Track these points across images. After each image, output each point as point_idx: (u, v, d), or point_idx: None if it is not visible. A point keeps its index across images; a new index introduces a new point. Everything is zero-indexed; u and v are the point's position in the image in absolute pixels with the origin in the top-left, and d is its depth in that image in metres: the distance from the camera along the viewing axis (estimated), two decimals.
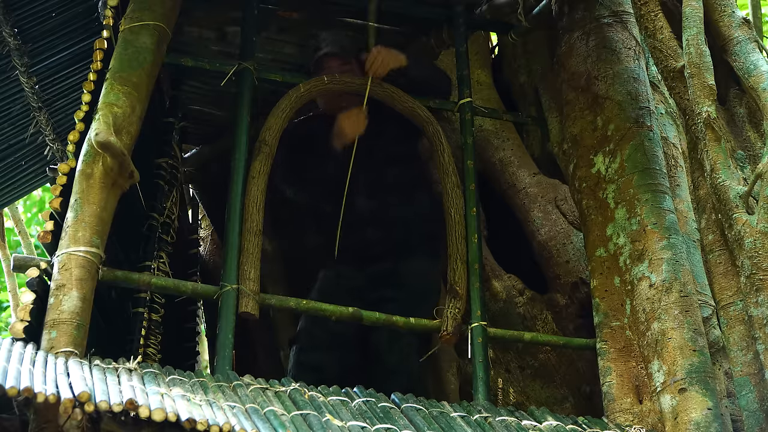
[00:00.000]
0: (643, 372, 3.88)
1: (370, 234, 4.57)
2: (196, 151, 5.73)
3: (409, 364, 4.54)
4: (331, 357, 4.50)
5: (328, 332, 4.51)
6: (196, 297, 4.83)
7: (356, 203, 4.58)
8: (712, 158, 3.65)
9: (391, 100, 4.55)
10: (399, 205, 4.61)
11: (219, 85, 4.41)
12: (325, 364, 4.43)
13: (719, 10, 3.88)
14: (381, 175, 4.64)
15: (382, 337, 4.50)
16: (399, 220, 4.59)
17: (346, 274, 4.60)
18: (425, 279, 4.63)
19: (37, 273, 3.51)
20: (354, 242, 4.58)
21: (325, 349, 4.52)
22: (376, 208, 4.59)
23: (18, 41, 4.73)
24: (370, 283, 4.55)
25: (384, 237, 4.58)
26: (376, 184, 4.62)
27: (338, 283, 4.57)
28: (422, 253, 4.64)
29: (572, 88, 4.47)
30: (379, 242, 4.57)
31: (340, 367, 4.44)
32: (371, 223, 4.58)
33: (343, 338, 4.53)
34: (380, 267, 4.57)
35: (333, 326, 4.44)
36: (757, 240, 3.47)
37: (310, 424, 3.09)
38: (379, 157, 4.65)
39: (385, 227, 4.58)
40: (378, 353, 4.54)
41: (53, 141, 5.19)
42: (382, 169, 4.65)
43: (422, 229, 4.63)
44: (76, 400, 2.80)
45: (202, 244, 5.89)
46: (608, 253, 4.14)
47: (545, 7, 4.65)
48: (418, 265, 4.62)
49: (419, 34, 4.98)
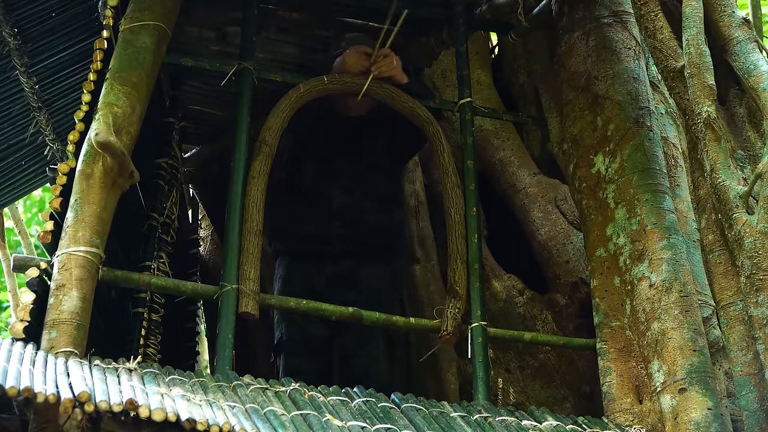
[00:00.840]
0: (643, 372, 3.88)
1: (334, 229, 4.59)
2: (196, 151, 5.73)
3: (378, 366, 4.55)
4: (311, 362, 4.52)
5: (306, 336, 4.54)
6: (196, 297, 4.83)
7: (333, 196, 4.62)
8: (712, 158, 3.65)
9: (391, 100, 4.56)
10: (372, 212, 4.64)
11: (219, 85, 4.41)
12: (305, 369, 4.43)
13: (719, 10, 3.88)
14: (363, 178, 4.68)
15: (349, 342, 4.53)
16: (367, 225, 4.61)
17: (307, 275, 4.62)
18: (385, 284, 4.66)
19: (37, 273, 3.51)
20: (316, 232, 4.60)
21: (305, 353, 4.55)
22: (348, 206, 4.62)
23: (18, 41, 4.73)
24: (330, 285, 4.56)
25: (346, 236, 4.59)
26: (356, 184, 4.66)
27: (303, 285, 4.57)
28: (380, 259, 4.68)
29: (572, 88, 4.47)
30: (340, 240, 4.59)
31: (319, 372, 4.45)
32: (339, 218, 4.60)
33: (319, 342, 4.56)
34: (341, 268, 4.59)
35: (311, 330, 4.47)
36: (757, 240, 3.47)
37: (310, 424, 3.09)
38: (365, 161, 4.69)
39: (351, 227, 4.60)
40: (347, 356, 4.57)
41: (53, 141, 5.19)
42: (365, 172, 4.68)
43: (387, 241, 4.67)
44: (76, 400, 2.80)
45: (202, 244, 5.89)
46: (608, 253, 4.14)
47: (545, 7, 4.65)
48: (377, 269, 4.64)
49: (419, 34, 4.97)
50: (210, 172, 5.71)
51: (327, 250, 4.61)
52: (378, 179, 4.72)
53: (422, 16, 4.83)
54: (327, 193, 4.64)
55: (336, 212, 4.62)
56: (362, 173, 4.69)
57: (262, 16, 4.63)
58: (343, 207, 4.63)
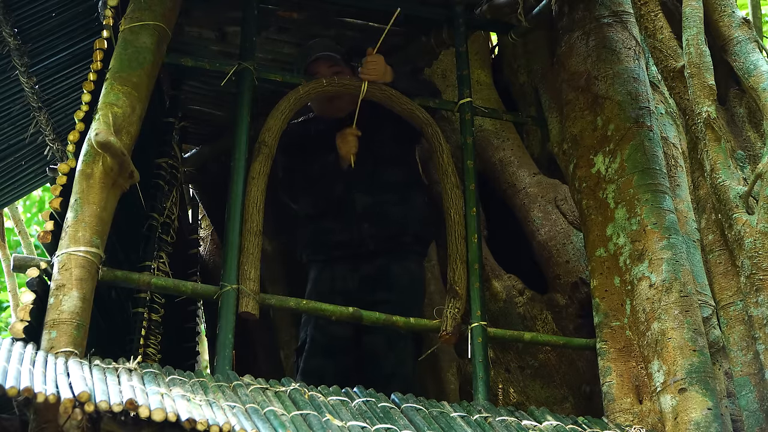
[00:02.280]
0: (643, 372, 3.88)
1: (365, 231, 4.59)
2: (196, 151, 5.73)
3: (406, 367, 4.55)
4: (331, 362, 4.51)
5: (328, 337, 4.53)
6: (196, 297, 4.83)
7: (355, 199, 4.62)
8: (712, 158, 3.65)
9: (390, 102, 4.56)
10: (394, 204, 4.64)
11: (219, 85, 4.41)
12: (325, 370, 4.43)
13: (719, 10, 3.88)
14: (378, 173, 4.67)
15: (379, 341, 4.51)
16: (393, 219, 4.61)
17: (340, 275, 4.63)
18: (416, 281, 4.68)
19: (37, 273, 3.51)
20: (348, 238, 4.61)
21: (324, 354, 4.54)
22: (371, 205, 4.62)
23: (18, 41, 4.73)
24: (363, 285, 4.58)
25: (378, 235, 4.59)
26: (373, 181, 4.65)
27: (333, 286, 4.59)
28: (413, 254, 4.69)
29: (572, 88, 4.47)
30: (372, 239, 4.59)
31: (338, 372, 4.45)
32: (366, 219, 4.60)
33: (341, 342, 4.55)
34: (373, 267, 4.59)
35: (333, 330, 4.46)
36: (757, 240, 3.47)
37: (310, 424, 3.09)
38: (376, 156, 4.69)
39: (379, 225, 4.60)
40: (374, 357, 4.55)
41: (53, 141, 5.19)
42: (378, 167, 4.68)
43: (414, 230, 4.66)
44: (76, 400, 2.80)
45: (202, 244, 5.89)
46: (608, 253, 4.14)
47: (545, 7, 4.65)
48: (409, 266, 4.65)
49: (419, 34, 4.98)
50: (210, 172, 5.71)
51: (361, 251, 4.61)
52: (392, 170, 4.70)
53: (422, 16, 4.83)
54: (350, 198, 4.64)
55: (362, 214, 4.62)
56: (376, 168, 4.68)
57: (262, 16, 4.63)
58: (367, 207, 4.62)
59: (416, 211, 4.70)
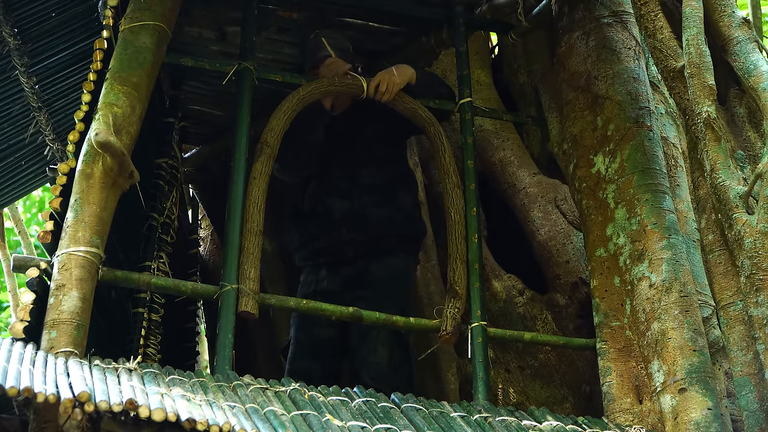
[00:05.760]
0: (643, 372, 3.88)
1: (343, 236, 4.59)
2: (196, 151, 5.73)
3: (378, 355, 4.51)
4: (317, 364, 4.52)
5: (313, 339, 4.54)
6: (196, 297, 4.84)
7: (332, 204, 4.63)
8: (712, 158, 3.65)
9: (392, 101, 4.55)
10: (375, 206, 4.62)
11: (219, 85, 4.41)
12: (311, 372, 4.43)
13: (719, 10, 3.88)
14: (357, 176, 4.66)
15: (353, 336, 4.53)
16: (374, 222, 4.60)
17: (323, 278, 4.64)
18: (397, 275, 4.63)
19: (37, 273, 3.51)
20: (327, 245, 4.62)
21: (311, 356, 4.55)
22: (349, 210, 4.62)
23: (18, 41, 4.73)
24: (344, 285, 4.58)
25: (357, 240, 4.59)
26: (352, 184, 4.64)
27: (316, 288, 4.60)
28: (398, 251, 4.65)
29: (572, 88, 4.47)
30: (351, 245, 4.59)
31: (325, 374, 4.44)
32: (344, 224, 4.60)
33: (326, 344, 4.56)
34: (354, 268, 4.60)
35: (317, 332, 4.48)
36: (757, 240, 3.47)
37: (310, 424, 3.09)
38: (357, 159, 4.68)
39: (358, 229, 4.59)
40: (350, 351, 4.57)
41: (53, 141, 5.19)
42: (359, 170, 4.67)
43: (398, 231, 4.64)
44: (76, 400, 2.80)
45: (202, 244, 5.89)
46: (608, 253, 4.14)
47: (545, 7, 4.65)
48: (391, 262, 4.62)
49: (419, 34, 4.98)
50: (210, 172, 5.71)
51: (342, 258, 4.62)
52: (375, 171, 4.68)
53: (422, 16, 4.84)
54: (326, 205, 4.65)
55: (339, 220, 4.61)
56: (356, 171, 4.67)
57: (262, 16, 4.63)
58: (345, 212, 4.62)
59: (402, 210, 4.67)
